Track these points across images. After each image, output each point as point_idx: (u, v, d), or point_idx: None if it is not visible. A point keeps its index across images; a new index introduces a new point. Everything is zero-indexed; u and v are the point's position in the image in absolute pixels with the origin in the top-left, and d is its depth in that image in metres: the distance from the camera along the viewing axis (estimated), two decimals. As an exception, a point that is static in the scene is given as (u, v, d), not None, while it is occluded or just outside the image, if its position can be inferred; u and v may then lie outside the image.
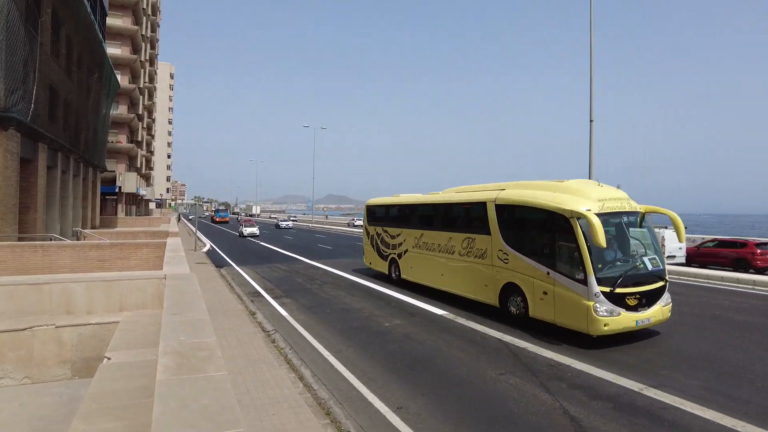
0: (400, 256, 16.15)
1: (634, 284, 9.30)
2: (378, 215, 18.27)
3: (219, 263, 23.17)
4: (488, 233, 11.80)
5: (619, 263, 9.58)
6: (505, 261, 11.18)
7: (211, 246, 32.78)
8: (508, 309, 11.12)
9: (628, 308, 9.12)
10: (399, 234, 16.22)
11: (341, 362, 8.57)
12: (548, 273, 9.92)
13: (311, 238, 43.09)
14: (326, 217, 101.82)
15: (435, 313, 12.27)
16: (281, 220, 67.88)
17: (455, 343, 9.71)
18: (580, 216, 9.21)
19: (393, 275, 16.71)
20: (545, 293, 9.99)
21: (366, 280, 17.83)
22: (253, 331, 10.39)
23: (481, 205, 12.20)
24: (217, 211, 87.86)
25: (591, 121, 25.64)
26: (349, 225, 70.44)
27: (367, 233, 18.74)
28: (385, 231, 17.21)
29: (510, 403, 6.72)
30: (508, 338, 9.94)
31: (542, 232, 10.41)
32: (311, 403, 6.69)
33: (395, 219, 16.83)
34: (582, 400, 6.77)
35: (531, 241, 10.68)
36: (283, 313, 12.54)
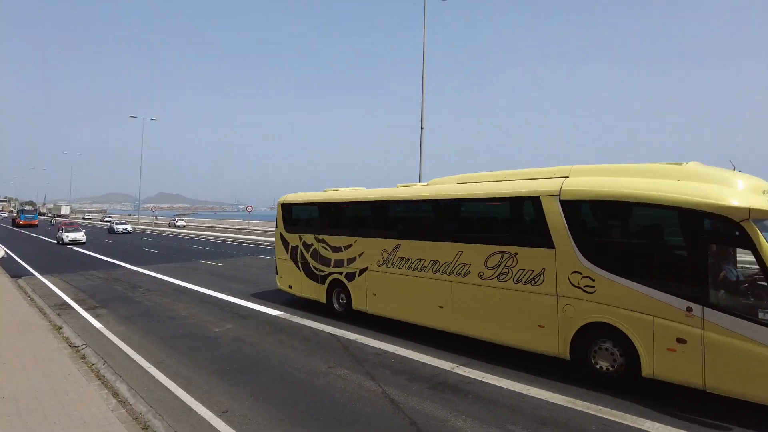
0: (351, 276, 11.27)
1: None
2: (305, 217, 13.14)
3: (16, 273, 19.79)
4: (547, 245, 7.69)
5: None
6: (588, 289, 7.26)
7: (5, 253, 27.88)
8: (593, 363, 7.26)
9: None
10: (350, 245, 11.28)
11: (163, 372, 8.00)
12: (689, 309, 6.36)
13: (137, 241, 39.13)
14: (156, 218, 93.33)
15: (269, 314, 12.12)
16: (117, 223, 53.99)
17: (289, 342, 9.73)
18: (764, 217, 6.03)
19: (336, 304, 11.79)
20: (681, 341, 6.44)
21: (202, 286, 16.84)
22: (57, 347, 9.14)
23: (530, 202, 7.97)
24: (21, 212, 73.89)
25: (422, 128, 27.76)
26: (170, 225, 65.14)
27: (285, 243, 13.32)
28: (321, 241, 12.06)
29: (337, 394, 6.98)
30: (340, 332, 10.27)
31: (676, 242, 6.79)
32: (126, 419, 6.15)
33: (341, 222, 11.89)
34: (403, 384, 7.32)
35: (649, 258, 6.92)
36: (97, 325, 11.22)
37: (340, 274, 11.55)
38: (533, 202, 7.90)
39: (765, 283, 5.93)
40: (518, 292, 8.05)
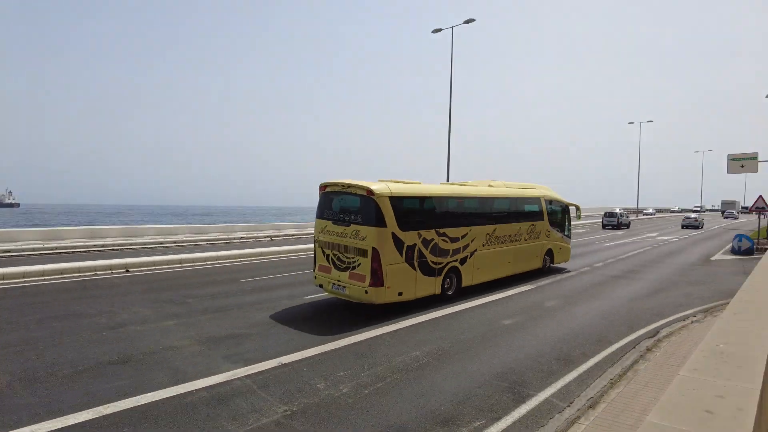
0: (464, 260, 13.66)
1: None
2: (421, 211, 12.36)
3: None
4: (543, 219, 17.85)
5: None
6: (548, 235, 18.17)
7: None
8: (546, 264, 18.28)
9: None
10: (466, 234, 13.68)
11: None
12: (566, 234, 19.63)
13: None
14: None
15: None
16: None
17: None
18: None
19: (448, 290, 13.16)
20: (555, 249, 18.80)
21: None
22: None
23: (536, 200, 17.85)
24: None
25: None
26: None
27: (398, 244, 11.35)
28: (442, 234, 12.76)
29: None
30: None
31: (562, 215, 19.57)
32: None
33: (457, 215, 13.72)
34: None
35: (560, 219, 19.31)
36: None
37: (456, 261, 13.23)
38: (538, 200, 17.47)
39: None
40: (534, 243, 16.94)
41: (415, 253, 11.81)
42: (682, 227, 49.83)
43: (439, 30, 31.81)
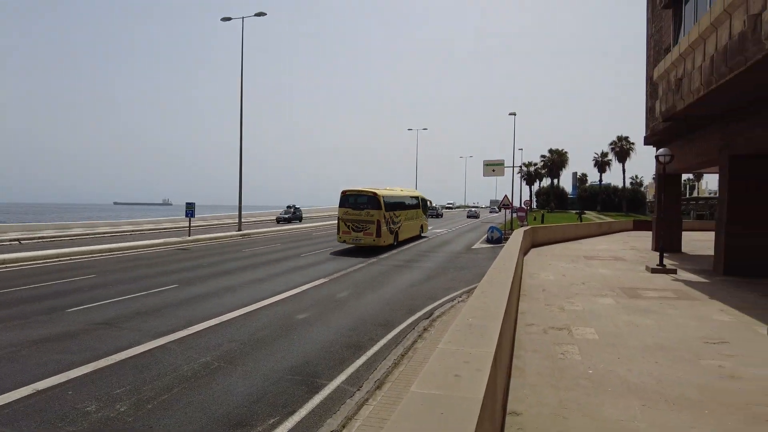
0: (400, 226, 28.23)
1: None
2: (388, 202, 26.36)
3: None
4: (418, 208, 33.87)
5: None
6: (421, 217, 34.92)
7: None
8: (421, 234, 35.38)
9: None
10: (400, 212, 28.52)
11: None
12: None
13: None
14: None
15: None
16: None
17: None
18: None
19: (394, 241, 27.36)
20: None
21: None
22: None
23: (416, 198, 33.75)
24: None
25: None
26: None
27: (385, 219, 25.57)
28: (393, 213, 27.02)
29: None
30: None
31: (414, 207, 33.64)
32: None
33: (395, 203, 27.98)
34: None
35: (427, 208, 39.49)
36: None
37: (398, 227, 27.77)
38: (417, 198, 34.05)
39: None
40: (417, 220, 33.17)
41: (388, 222, 25.85)
42: (467, 217, 71.21)
43: (228, 18, 30.59)
